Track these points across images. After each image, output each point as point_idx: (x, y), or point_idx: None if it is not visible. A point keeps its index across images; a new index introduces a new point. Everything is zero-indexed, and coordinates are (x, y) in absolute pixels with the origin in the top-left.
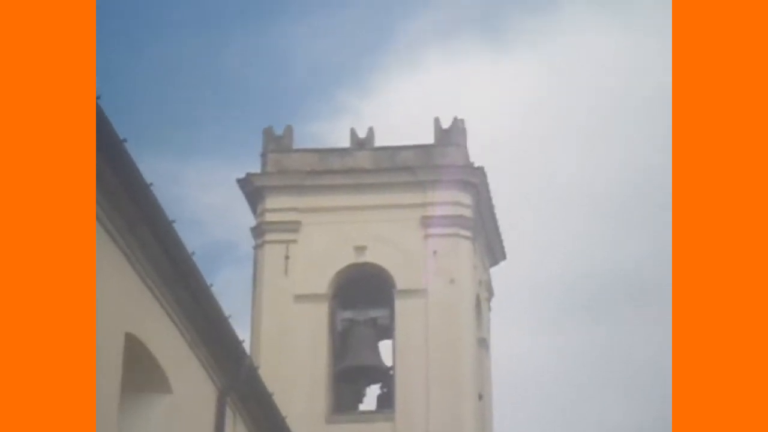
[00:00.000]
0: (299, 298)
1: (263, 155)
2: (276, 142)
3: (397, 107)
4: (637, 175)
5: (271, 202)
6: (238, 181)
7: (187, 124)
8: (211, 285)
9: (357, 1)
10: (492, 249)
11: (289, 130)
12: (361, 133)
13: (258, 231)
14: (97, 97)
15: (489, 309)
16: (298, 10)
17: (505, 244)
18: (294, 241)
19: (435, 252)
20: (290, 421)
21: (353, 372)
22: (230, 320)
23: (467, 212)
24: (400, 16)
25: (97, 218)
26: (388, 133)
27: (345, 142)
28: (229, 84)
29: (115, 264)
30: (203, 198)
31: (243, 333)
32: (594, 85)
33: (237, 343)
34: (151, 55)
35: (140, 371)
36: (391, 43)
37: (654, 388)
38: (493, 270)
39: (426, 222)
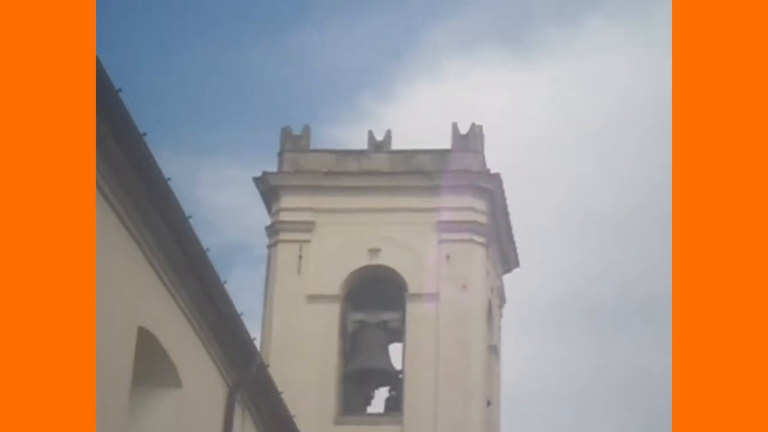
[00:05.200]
0: (311, 298)
1: (280, 155)
2: (293, 142)
3: (416, 113)
4: (649, 188)
5: (286, 201)
6: (254, 179)
7: (206, 122)
8: (225, 282)
9: (381, 7)
10: (505, 256)
11: (306, 130)
12: (379, 137)
13: (272, 230)
14: (119, 90)
15: (501, 316)
16: (322, 14)
17: (519, 251)
18: (308, 241)
19: (448, 257)
20: (298, 421)
21: (362, 374)
22: (242, 318)
23: (482, 218)
24: (423, 23)
25: (115, 211)
26: (406, 138)
27: (362, 146)
28: (250, 84)
29: (130, 257)
30: (219, 198)
31: (254, 331)
32: (612, 96)
33: (248, 341)
34: (175, 54)
35: (151, 365)
36: (414, 49)
37: (658, 399)
38: (505, 277)
39: (440, 227)
